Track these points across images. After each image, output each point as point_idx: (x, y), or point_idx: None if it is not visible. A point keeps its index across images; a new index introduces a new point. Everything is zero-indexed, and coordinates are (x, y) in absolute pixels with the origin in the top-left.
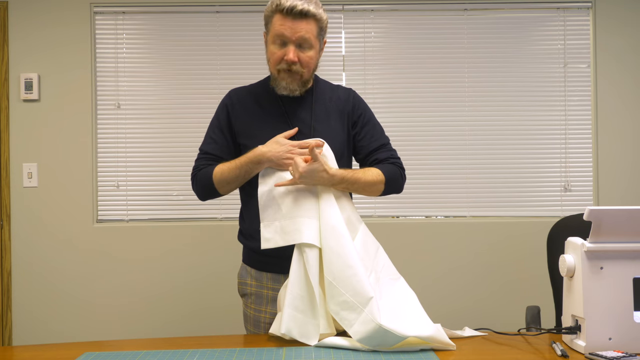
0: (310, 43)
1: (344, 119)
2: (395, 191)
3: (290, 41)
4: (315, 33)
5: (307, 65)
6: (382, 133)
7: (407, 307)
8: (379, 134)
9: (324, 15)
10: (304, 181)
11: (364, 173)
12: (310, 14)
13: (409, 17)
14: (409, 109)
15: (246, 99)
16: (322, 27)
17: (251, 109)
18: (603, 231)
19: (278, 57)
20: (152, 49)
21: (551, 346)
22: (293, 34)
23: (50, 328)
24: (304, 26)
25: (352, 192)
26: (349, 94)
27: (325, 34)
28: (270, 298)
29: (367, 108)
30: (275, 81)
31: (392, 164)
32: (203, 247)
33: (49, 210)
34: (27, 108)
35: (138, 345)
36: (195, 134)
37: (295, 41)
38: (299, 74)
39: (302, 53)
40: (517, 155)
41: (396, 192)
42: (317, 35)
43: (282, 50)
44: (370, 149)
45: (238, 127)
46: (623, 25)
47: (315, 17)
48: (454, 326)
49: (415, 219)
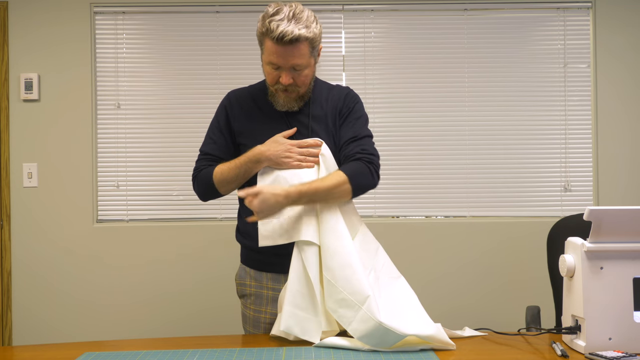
0: (303, 65)
1: (337, 118)
2: (366, 188)
3: (283, 67)
4: (308, 54)
5: (303, 83)
6: (363, 126)
7: (408, 306)
8: (358, 126)
9: (315, 30)
10: (264, 215)
11: (322, 180)
12: (302, 39)
13: (409, 17)
14: (409, 109)
15: (245, 100)
16: (315, 44)
17: (250, 109)
18: (603, 231)
19: (273, 79)
20: (152, 49)
21: (551, 346)
22: (285, 62)
23: (50, 328)
24: (295, 52)
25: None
26: (342, 92)
27: (320, 42)
28: (270, 298)
29: (356, 102)
30: (273, 97)
31: (358, 159)
32: (203, 247)
33: (49, 210)
34: (27, 108)
35: (138, 345)
36: (195, 134)
37: (289, 67)
38: (295, 92)
39: (296, 75)
40: (517, 155)
41: (368, 188)
42: (310, 54)
43: (277, 72)
44: (343, 141)
45: (237, 128)
46: (623, 25)
47: (307, 39)
48: (454, 326)
49: (415, 219)
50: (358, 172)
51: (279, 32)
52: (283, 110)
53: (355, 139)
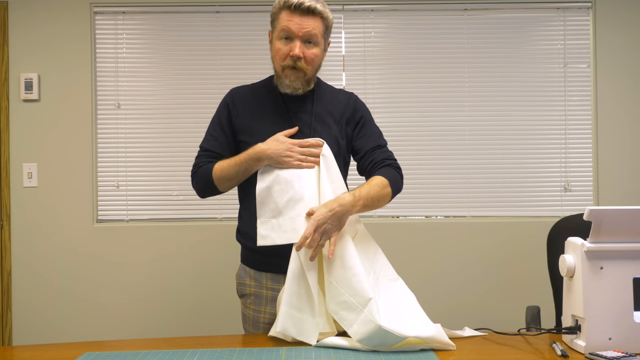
0: (316, 39)
1: (343, 123)
2: (399, 192)
3: (296, 36)
4: (322, 31)
5: (312, 62)
6: (380, 135)
7: (407, 307)
8: (376, 135)
9: (330, 15)
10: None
11: (369, 186)
12: (317, 11)
13: (409, 17)
14: (409, 109)
15: (247, 97)
16: (328, 26)
17: (252, 106)
18: (603, 231)
19: (284, 53)
20: (152, 49)
21: (551, 346)
22: (300, 29)
23: (50, 328)
24: (310, 22)
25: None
26: (350, 98)
27: (330, 34)
28: (269, 298)
29: (368, 111)
30: (279, 79)
31: (389, 165)
32: (203, 247)
33: (49, 210)
34: (27, 108)
35: (138, 345)
36: (195, 134)
37: (302, 37)
38: (302, 71)
39: (307, 50)
40: (517, 155)
41: (398, 192)
42: (323, 33)
43: (288, 45)
44: (367, 149)
45: (239, 125)
46: (623, 25)
47: (322, 15)
48: (454, 326)
49: (415, 219)
50: (394, 177)
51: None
52: (288, 91)
53: (380, 147)
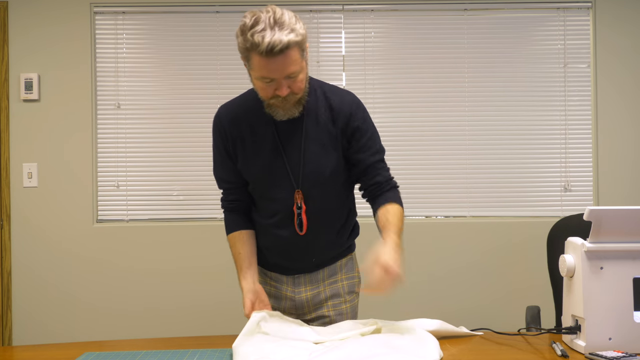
0: (297, 72)
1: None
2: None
3: (278, 79)
4: (300, 58)
5: (300, 89)
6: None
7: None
8: (376, 146)
9: (302, 31)
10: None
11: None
12: (291, 44)
13: (409, 17)
14: (409, 109)
15: (237, 120)
16: (304, 46)
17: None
18: (603, 231)
19: (269, 93)
20: (152, 49)
21: (551, 346)
22: (281, 73)
23: (50, 328)
24: (287, 61)
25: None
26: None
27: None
28: (271, 295)
29: (364, 118)
30: (270, 108)
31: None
32: (203, 247)
33: (49, 210)
34: (27, 108)
35: (138, 345)
36: (195, 134)
37: (284, 78)
38: (293, 99)
39: (293, 83)
40: (517, 155)
41: None
42: (301, 58)
43: (271, 86)
44: (367, 164)
45: (233, 152)
46: (623, 25)
47: (296, 44)
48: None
49: (415, 219)
50: (400, 198)
51: (266, 44)
52: (284, 119)
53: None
